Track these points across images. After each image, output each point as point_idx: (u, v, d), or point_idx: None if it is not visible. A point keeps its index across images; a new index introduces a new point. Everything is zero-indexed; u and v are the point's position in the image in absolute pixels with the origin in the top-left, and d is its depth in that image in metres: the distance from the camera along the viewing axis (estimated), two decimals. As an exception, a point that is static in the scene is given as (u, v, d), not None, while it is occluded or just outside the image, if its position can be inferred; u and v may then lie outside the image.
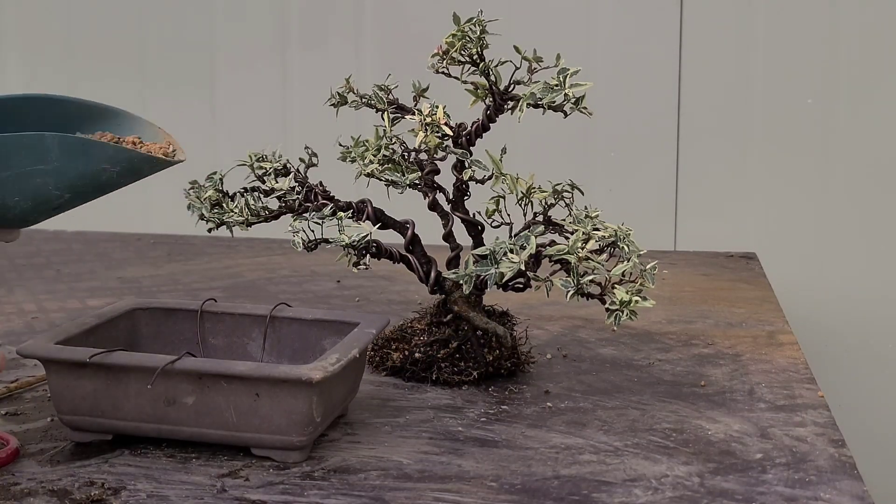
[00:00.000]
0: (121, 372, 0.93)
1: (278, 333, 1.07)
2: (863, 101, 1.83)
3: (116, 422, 0.94)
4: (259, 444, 0.93)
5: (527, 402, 1.07)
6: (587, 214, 1.06)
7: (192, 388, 0.92)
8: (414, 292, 1.47)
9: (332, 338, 1.06)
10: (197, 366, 0.92)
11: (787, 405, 1.05)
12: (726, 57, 1.87)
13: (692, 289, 1.51)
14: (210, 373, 0.92)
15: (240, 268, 1.65)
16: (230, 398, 0.92)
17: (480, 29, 1.06)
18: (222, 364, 0.92)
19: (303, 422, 0.92)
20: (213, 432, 0.93)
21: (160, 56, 2.08)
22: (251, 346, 1.08)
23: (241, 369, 0.91)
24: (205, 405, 0.92)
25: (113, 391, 0.93)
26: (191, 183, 1.12)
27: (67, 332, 0.99)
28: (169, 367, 0.91)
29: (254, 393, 0.91)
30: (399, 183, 1.08)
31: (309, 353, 1.06)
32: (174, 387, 0.92)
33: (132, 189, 2.27)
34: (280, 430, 0.92)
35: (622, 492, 0.86)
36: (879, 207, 1.85)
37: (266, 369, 0.92)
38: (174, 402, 0.93)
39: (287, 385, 0.91)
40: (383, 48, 1.98)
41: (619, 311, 1.01)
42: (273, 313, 1.08)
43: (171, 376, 0.92)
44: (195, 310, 1.09)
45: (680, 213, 1.92)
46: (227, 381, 0.91)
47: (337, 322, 1.06)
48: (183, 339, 1.09)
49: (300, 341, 1.07)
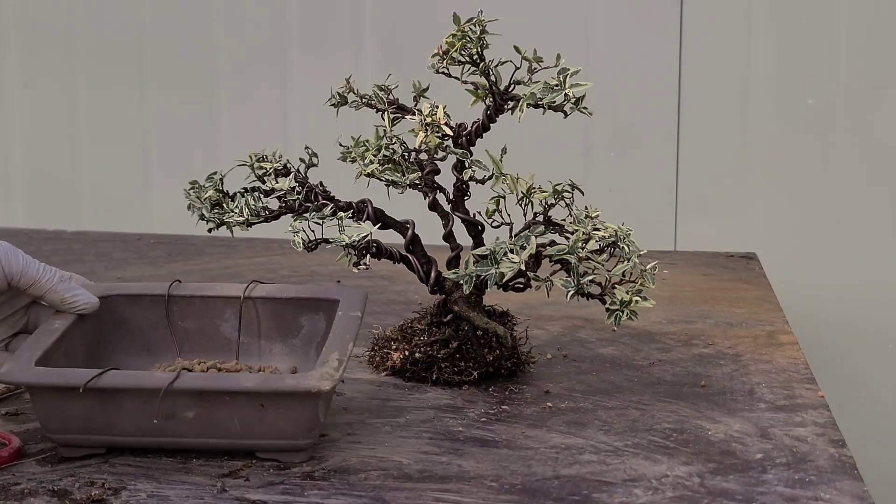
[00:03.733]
0: (115, 393, 0.90)
1: (252, 313, 1.05)
2: (863, 101, 1.83)
3: (112, 437, 0.92)
4: (264, 448, 0.92)
5: (527, 402, 1.07)
6: (587, 214, 1.06)
7: (192, 402, 0.90)
8: (414, 292, 1.47)
9: (308, 314, 1.04)
10: (199, 383, 0.89)
11: (788, 405, 1.05)
12: (726, 57, 1.87)
13: (692, 289, 1.51)
14: (212, 390, 0.89)
15: (240, 268, 1.65)
16: (234, 410, 0.90)
17: (480, 29, 1.06)
18: (226, 380, 0.90)
19: (309, 426, 0.91)
20: (217, 441, 0.91)
21: (160, 56, 2.08)
22: (224, 327, 1.06)
23: (247, 385, 0.89)
24: (206, 418, 0.90)
25: (107, 410, 0.90)
26: (191, 183, 1.12)
27: (42, 344, 0.95)
28: (167, 385, 0.88)
29: (258, 404, 0.90)
30: (399, 183, 1.08)
31: (286, 331, 1.05)
32: (173, 402, 0.90)
33: (132, 189, 2.28)
34: (286, 436, 0.91)
35: (622, 492, 0.86)
36: (879, 207, 1.85)
37: (272, 383, 0.89)
38: (174, 417, 0.90)
39: (293, 395, 0.89)
40: (383, 48, 1.98)
41: (619, 311, 1.01)
42: (246, 293, 1.06)
43: (169, 393, 0.89)
44: (161, 294, 1.06)
45: (680, 213, 1.92)
46: (230, 396, 0.89)
47: (313, 299, 1.05)
48: (149, 324, 1.05)
49: (276, 320, 1.05)
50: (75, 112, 2.13)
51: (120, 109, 2.11)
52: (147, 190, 2.12)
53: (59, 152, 2.15)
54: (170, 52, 2.07)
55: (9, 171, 2.17)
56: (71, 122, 2.13)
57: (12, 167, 2.17)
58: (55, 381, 0.91)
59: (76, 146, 2.14)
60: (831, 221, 1.86)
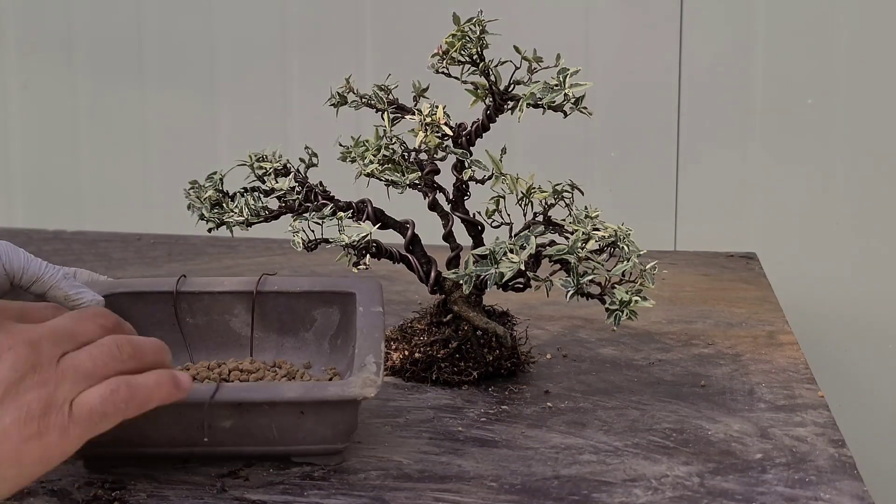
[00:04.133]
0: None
1: (263, 308, 1.04)
2: (863, 101, 1.83)
3: (143, 449, 0.89)
4: (302, 453, 0.91)
5: (527, 402, 1.07)
6: (587, 214, 1.06)
7: (229, 413, 0.88)
8: (414, 292, 1.47)
9: (322, 308, 1.03)
10: (240, 395, 0.87)
11: (787, 405, 1.05)
12: (726, 57, 1.87)
13: (692, 289, 1.51)
14: (253, 402, 0.87)
15: (240, 268, 1.65)
16: (273, 419, 0.88)
17: (480, 29, 1.06)
18: (267, 391, 0.88)
19: (347, 430, 0.91)
20: (253, 449, 0.90)
21: (160, 56, 2.08)
22: (234, 322, 1.05)
23: (289, 395, 0.87)
24: (244, 427, 0.89)
25: (140, 423, 0.85)
26: (191, 183, 1.12)
27: None
28: (207, 398, 0.86)
29: (298, 411, 0.88)
30: (399, 183, 1.08)
31: (298, 325, 1.04)
32: (210, 413, 0.87)
33: (132, 189, 2.28)
34: (325, 440, 0.90)
35: (622, 492, 0.86)
36: (879, 207, 1.85)
37: (315, 392, 0.88)
38: (210, 427, 0.88)
39: (335, 402, 0.88)
40: (383, 48, 1.98)
41: (619, 311, 1.01)
42: (258, 288, 1.04)
43: (209, 406, 0.87)
44: (169, 291, 1.04)
45: (680, 213, 1.92)
46: (270, 406, 0.88)
47: (326, 293, 1.04)
48: (155, 322, 1.03)
49: (288, 314, 1.04)
50: (75, 112, 2.13)
51: (120, 109, 2.11)
52: (147, 190, 2.13)
53: (59, 152, 2.15)
54: (170, 52, 2.07)
55: (9, 171, 2.17)
56: (71, 122, 2.13)
57: (12, 167, 2.17)
58: None
59: (76, 146, 2.14)
60: (831, 221, 1.86)
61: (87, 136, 2.13)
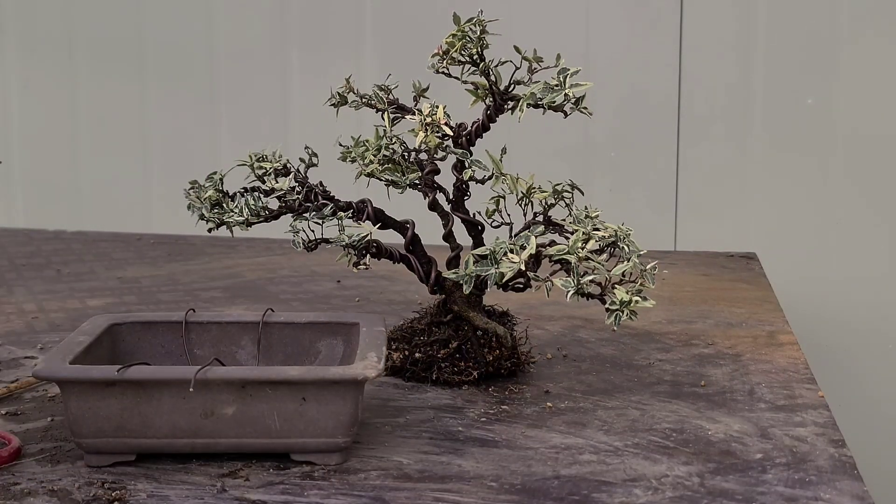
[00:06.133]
0: (154, 387, 0.89)
1: (269, 339, 1.05)
2: (863, 101, 1.83)
3: (145, 440, 0.90)
4: (302, 448, 0.91)
5: (527, 402, 1.07)
6: (587, 214, 1.06)
7: (232, 397, 0.89)
8: (414, 292, 1.47)
9: (326, 339, 1.05)
10: (242, 374, 0.89)
11: (787, 405, 1.05)
12: (726, 57, 1.87)
13: (692, 289, 1.51)
14: (256, 380, 0.88)
15: (240, 268, 1.65)
16: (274, 404, 0.89)
17: (480, 29, 1.06)
18: (271, 370, 0.90)
19: (349, 422, 0.91)
20: (254, 441, 0.90)
21: (160, 56, 2.08)
22: (240, 353, 1.06)
23: (291, 374, 0.88)
24: (246, 414, 0.89)
25: (143, 408, 0.89)
26: (191, 183, 1.12)
27: (72, 351, 0.94)
28: (211, 375, 0.87)
29: (300, 397, 0.89)
30: (399, 183, 1.08)
31: (303, 356, 1.05)
32: (213, 398, 0.89)
33: (132, 189, 2.28)
34: (326, 433, 0.90)
35: (622, 492, 0.86)
36: (879, 207, 1.85)
37: (317, 372, 0.89)
38: (212, 414, 0.89)
39: (336, 386, 0.89)
40: (383, 48, 1.98)
41: (619, 311, 1.01)
42: (264, 319, 1.06)
43: (210, 387, 0.88)
44: (178, 321, 1.06)
45: (680, 213, 1.92)
46: (272, 388, 0.89)
47: (332, 323, 1.05)
48: (165, 353, 1.05)
49: (293, 345, 1.05)
50: (75, 112, 2.13)
51: (120, 109, 2.11)
52: (147, 190, 2.13)
53: (59, 152, 2.15)
54: (170, 52, 2.08)
55: (9, 171, 2.17)
56: (71, 121, 2.14)
57: (12, 167, 2.17)
58: (93, 375, 0.89)
59: (76, 146, 2.14)
60: (831, 221, 1.86)
61: (87, 136, 2.13)
